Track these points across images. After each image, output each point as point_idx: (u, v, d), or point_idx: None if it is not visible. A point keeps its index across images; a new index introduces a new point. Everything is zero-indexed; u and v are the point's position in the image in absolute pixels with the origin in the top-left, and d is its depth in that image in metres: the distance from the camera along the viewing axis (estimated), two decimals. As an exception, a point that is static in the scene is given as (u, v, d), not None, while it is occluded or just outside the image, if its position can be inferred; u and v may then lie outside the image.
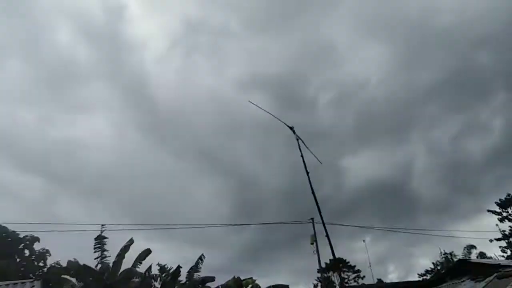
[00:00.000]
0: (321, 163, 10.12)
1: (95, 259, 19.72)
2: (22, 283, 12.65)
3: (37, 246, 19.62)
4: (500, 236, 37.38)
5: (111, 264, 19.45)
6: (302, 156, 10.08)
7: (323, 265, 26.08)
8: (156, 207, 48.77)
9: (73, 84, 62.59)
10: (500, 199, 38.53)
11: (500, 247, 37.38)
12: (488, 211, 39.21)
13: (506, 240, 37.22)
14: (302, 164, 9.99)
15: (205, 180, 62.10)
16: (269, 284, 22.49)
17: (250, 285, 22.54)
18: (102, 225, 20.18)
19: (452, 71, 58.40)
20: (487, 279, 14.05)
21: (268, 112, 10.38)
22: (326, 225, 10.26)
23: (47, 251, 18.82)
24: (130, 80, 63.68)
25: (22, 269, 22.53)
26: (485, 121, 60.37)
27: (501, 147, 56.43)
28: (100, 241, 20.11)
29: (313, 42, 62.63)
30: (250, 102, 10.20)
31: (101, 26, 62.16)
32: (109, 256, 19.96)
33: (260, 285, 22.98)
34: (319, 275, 39.86)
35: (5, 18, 55.29)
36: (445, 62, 59.33)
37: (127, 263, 19.89)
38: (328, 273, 36.92)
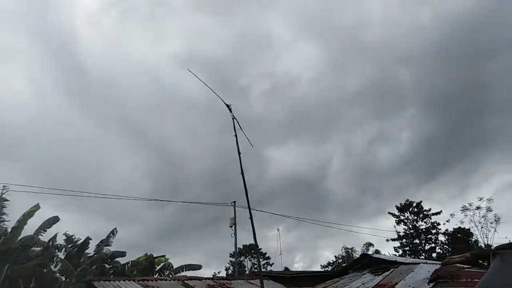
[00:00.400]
0: (252, 146, 10.09)
1: (-9, 222, 17.66)
2: None
3: None
4: (395, 237, 41.84)
5: (9, 230, 17.56)
6: (236, 136, 9.94)
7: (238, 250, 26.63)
8: (71, 176, 45.11)
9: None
10: (400, 203, 42.96)
11: (394, 247, 41.85)
12: (389, 213, 43.52)
13: (400, 241, 41.74)
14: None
15: (128, 155, 59.12)
16: (182, 264, 22.27)
17: (162, 263, 22.14)
18: (4, 186, 18.13)
19: (375, 81, 63.26)
20: (385, 274, 15.57)
21: (206, 85, 9.98)
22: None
23: None
24: (55, 37, 57.39)
25: None
26: (396, 132, 66.73)
27: (407, 157, 62.97)
28: (-1, 203, 18.02)
29: (252, 31, 62.57)
30: (189, 70, 9.73)
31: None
32: (9, 221, 18.02)
33: (173, 264, 22.68)
34: (231, 259, 40.81)
35: None
36: (371, 72, 63.99)
37: (30, 231, 18.16)
38: (240, 258, 37.85)
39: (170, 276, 17.85)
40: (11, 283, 14.98)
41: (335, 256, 48.53)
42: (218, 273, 39.39)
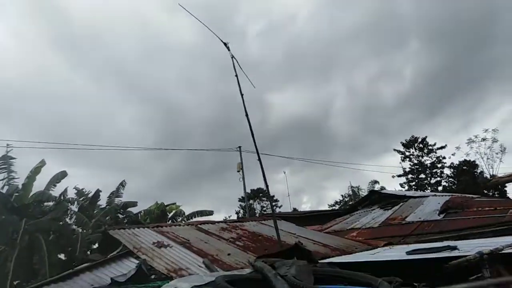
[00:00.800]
0: (254, 87, 9.59)
1: (0, 180, 17.73)
2: None
3: None
4: (401, 173, 42.41)
5: (20, 187, 17.71)
6: (236, 76, 9.39)
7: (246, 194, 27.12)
8: (72, 132, 45.10)
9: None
10: (405, 140, 43.02)
11: (399, 183, 42.58)
12: (394, 150, 43.76)
13: (406, 177, 42.39)
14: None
15: (126, 107, 58.60)
16: (193, 211, 22.78)
17: (174, 211, 22.65)
18: (8, 144, 17.97)
19: (374, 16, 60.53)
20: (394, 208, 15.81)
21: (200, 22, 9.26)
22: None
23: None
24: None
25: None
26: (399, 68, 65.17)
27: (411, 93, 62.06)
28: (5, 161, 17.96)
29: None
30: (180, 5, 8.94)
31: None
32: (18, 178, 18.10)
33: (185, 211, 23.20)
34: (240, 204, 41.92)
35: None
36: (369, 5, 61.00)
37: (39, 187, 18.33)
38: (249, 201, 38.75)
39: (183, 222, 18.22)
40: (30, 237, 15.35)
41: (342, 195, 49.84)
42: (229, 217, 40.81)
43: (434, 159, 41.57)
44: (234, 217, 41.63)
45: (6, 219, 15.71)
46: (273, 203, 42.95)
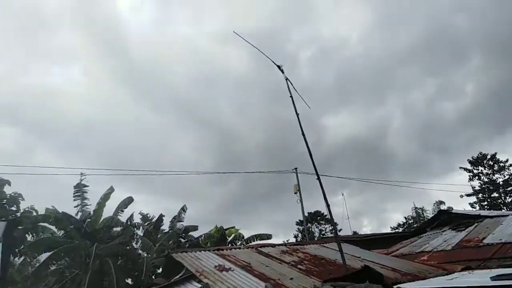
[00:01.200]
0: (309, 107, 9.49)
1: (75, 207, 19.13)
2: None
3: (8, 190, 18.69)
4: (470, 192, 39.09)
5: (91, 213, 18.94)
6: (291, 96, 9.38)
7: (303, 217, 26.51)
8: (137, 161, 48.03)
9: (44, 32, 58.45)
10: (472, 157, 39.85)
11: (469, 203, 39.20)
12: (460, 168, 40.66)
13: (476, 196, 38.98)
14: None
15: (184, 135, 61.21)
16: (252, 234, 22.68)
17: (233, 234, 22.72)
18: (82, 173, 19.44)
19: (429, 34, 58.05)
20: (468, 229, 14.46)
21: (254, 46, 9.44)
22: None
23: (20, 195, 17.93)
24: (103, 29, 60.02)
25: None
26: (459, 84, 61.30)
27: (473, 109, 57.90)
28: (79, 189, 19.42)
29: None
30: (235, 32, 9.22)
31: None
32: (90, 205, 19.42)
33: (243, 234, 23.18)
34: (297, 227, 41.08)
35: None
36: (423, 24, 58.77)
37: (108, 212, 19.47)
38: (307, 225, 37.85)
39: (242, 245, 18.19)
40: (100, 262, 16.22)
41: (405, 217, 46.86)
42: (287, 241, 40.00)
43: (507, 176, 37.91)
44: (292, 240, 40.80)
45: (79, 244, 16.82)
46: (332, 227, 41.63)
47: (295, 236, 41.95)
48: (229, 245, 22.02)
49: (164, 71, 61.10)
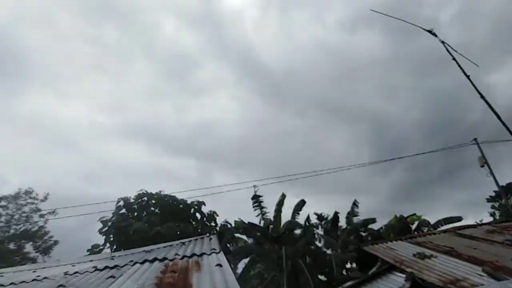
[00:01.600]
0: (478, 66, 7.95)
1: (256, 216, 21.00)
2: (202, 238, 14.14)
3: (204, 209, 21.97)
4: None
5: (272, 219, 20.44)
6: (454, 59, 8.06)
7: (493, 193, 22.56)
8: (296, 166, 49.98)
9: (191, 70, 67.52)
10: None
11: None
12: None
13: None
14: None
15: (336, 132, 60.84)
16: (438, 218, 20.53)
17: (416, 222, 21.00)
18: (254, 185, 21.29)
19: None
20: None
21: (396, 18, 8.52)
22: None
23: (215, 212, 20.80)
24: (237, 53, 65.30)
25: (199, 230, 25.66)
26: None
27: None
28: (256, 199, 21.26)
29: None
30: (372, 10, 8.53)
31: (198, 11, 64.44)
32: (268, 212, 21.02)
33: (428, 220, 21.19)
34: (491, 204, 35.13)
35: (115, 25, 61.93)
36: None
37: (285, 217, 20.68)
38: (501, 200, 32.16)
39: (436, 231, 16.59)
40: (291, 262, 17.30)
41: None
42: (480, 221, 34.85)
43: None
44: (487, 220, 35.12)
45: (269, 248, 18.34)
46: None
47: (491, 214, 35.85)
48: (415, 233, 20.44)
49: (299, 76, 62.47)
